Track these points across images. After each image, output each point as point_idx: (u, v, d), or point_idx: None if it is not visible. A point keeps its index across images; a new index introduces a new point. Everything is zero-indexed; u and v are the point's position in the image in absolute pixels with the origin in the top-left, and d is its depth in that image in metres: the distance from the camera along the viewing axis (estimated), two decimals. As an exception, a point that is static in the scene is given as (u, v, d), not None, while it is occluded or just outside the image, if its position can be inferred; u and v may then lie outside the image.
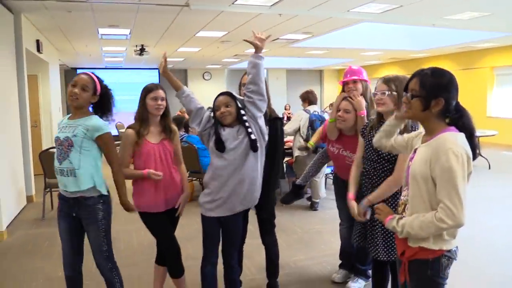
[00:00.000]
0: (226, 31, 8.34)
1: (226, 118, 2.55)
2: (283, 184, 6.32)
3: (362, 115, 2.98)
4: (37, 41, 7.30)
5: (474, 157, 1.70)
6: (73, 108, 2.52)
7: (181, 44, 10.10)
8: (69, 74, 15.34)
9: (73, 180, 2.46)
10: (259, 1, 6.09)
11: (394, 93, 2.40)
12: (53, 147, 5.35)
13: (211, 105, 2.64)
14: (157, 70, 16.52)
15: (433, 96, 1.68)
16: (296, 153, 5.61)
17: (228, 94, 2.60)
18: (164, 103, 2.74)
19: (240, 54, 12.61)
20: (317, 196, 5.60)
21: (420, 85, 1.71)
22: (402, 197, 1.90)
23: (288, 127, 5.65)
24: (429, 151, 1.69)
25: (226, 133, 2.55)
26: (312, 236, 4.64)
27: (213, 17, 6.98)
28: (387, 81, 2.45)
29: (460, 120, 1.73)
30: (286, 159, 6.38)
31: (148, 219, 2.79)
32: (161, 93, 2.73)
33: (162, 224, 2.81)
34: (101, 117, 2.59)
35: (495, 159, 8.92)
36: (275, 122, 2.94)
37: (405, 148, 1.99)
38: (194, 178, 6.38)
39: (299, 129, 5.56)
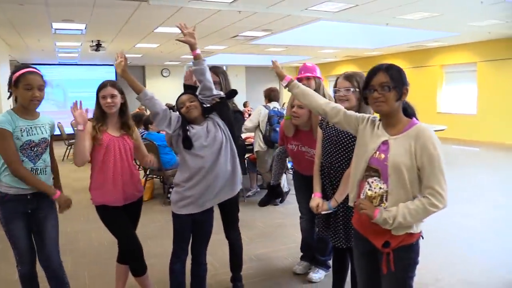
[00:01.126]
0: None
1: (192, 112, 2.59)
2: (244, 181, 6.37)
3: None
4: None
5: None
6: (28, 109, 2.48)
7: (139, 40, 9.94)
8: (19, 70, 14.66)
9: (44, 177, 2.55)
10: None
11: (357, 89, 2.49)
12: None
13: (171, 103, 2.67)
14: (113, 66, 16.19)
15: (402, 85, 1.84)
16: (256, 148, 5.68)
17: (189, 93, 2.67)
18: (114, 100, 2.70)
19: (201, 51, 12.53)
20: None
21: (390, 77, 1.82)
22: (373, 189, 1.90)
23: (248, 123, 5.72)
24: (410, 142, 1.80)
25: (196, 132, 2.58)
26: (274, 230, 4.74)
27: (172, 13, 6.93)
28: (349, 77, 2.53)
29: (408, 109, 1.91)
30: (247, 155, 6.45)
31: (106, 213, 2.76)
32: (110, 90, 2.69)
33: (120, 219, 2.79)
34: None
35: (443, 153, 9.37)
36: (236, 116, 2.99)
37: (349, 125, 2.07)
38: (154, 176, 6.33)
39: (258, 125, 5.64)
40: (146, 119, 6.34)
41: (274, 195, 3.88)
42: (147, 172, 6.21)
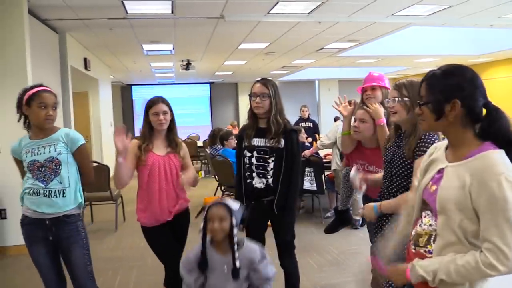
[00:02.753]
0: (267, 42, 8.20)
1: (218, 235, 2.17)
2: (322, 201, 5.99)
3: (381, 124, 2.66)
4: (85, 59, 7.58)
5: None
6: (42, 129, 2.41)
7: (226, 57, 10.11)
8: (125, 90, 15.95)
9: (61, 200, 2.39)
10: (296, 9, 5.88)
11: (406, 99, 2.08)
12: (96, 162, 5.61)
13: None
14: (208, 84, 16.89)
15: (445, 99, 1.36)
16: (333, 166, 5.29)
17: (224, 205, 2.21)
18: (166, 117, 2.63)
19: (288, 66, 12.44)
20: (357, 213, 5.22)
21: (428, 89, 1.40)
22: (422, 226, 1.51)
23: (324, 139, 5.39)
24: (466, 174, 1.34)
25: (215, 260, 2.20)
26: (347, 257, 4.29)
27: (251, 29, 6.87)
28: (397, 86, 2.15)
29: (492, 125, 1.35)
30: (326, 173, 6.07)
31: (150, 233, 2.68)
32: (162, 107, 2.62)
33: (164, 239, 2.68)
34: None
35: None
36: (290, 134, 2.71)
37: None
38: (230, 193, 6.23)
39: (335, 141, 5.25)
40: (222, 135, 6.29)
41: (342, 221, 3.49)
42: (223, 188, 6.14)
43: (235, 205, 2.25)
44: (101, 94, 9.22)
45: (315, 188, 5.50)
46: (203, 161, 10.42)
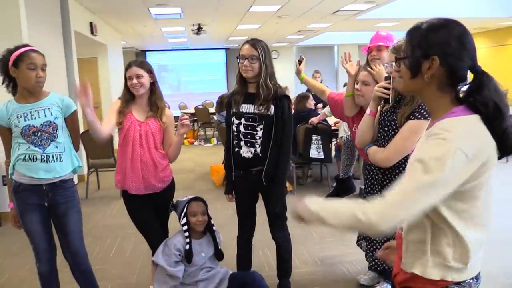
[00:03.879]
0: (280, 4, 7.85)
1: (201, 226, 2.58)
2: (331, 169, 5.82)
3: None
4: (90, 23, 7.41)
5: (504, 153, 1.13)
6: (32, 92, 2.29)
7: (238, 21, 9.78)
8: (139, 56, 15.79)
9: (59, 164, 2.34)
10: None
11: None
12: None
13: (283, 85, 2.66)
14: (224, 50, 16.55)
15: (423, 55, 1.14)
16: (341, 133, 5.08)
17: (202, 201, 2.62)
18: (141, 80, 2.46)
19: (304, 30, 12.01)
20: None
21: (409, 42, 1.19)
22: None
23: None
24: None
25: (195, 249, 2.56)
26: (351, 228, 4.14)
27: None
28: (395, 49, 1.93)
29: (477, 93, 1.12)
30: (334, 141, 5.88)
31: (128, 201, 2.59)
32: (135, 70, 2.45)
33: (142, 210, 2.58)
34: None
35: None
36: (281, 101, 2.51)
37: None
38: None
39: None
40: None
41: (343, 190, 3.34)
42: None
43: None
44: (111, 60, 9.07)
45: (323, 157, 5.31)
46: (216, 128, 10.32)
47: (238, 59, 2.51)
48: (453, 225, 1.11)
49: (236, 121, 2.55)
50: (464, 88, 1.15)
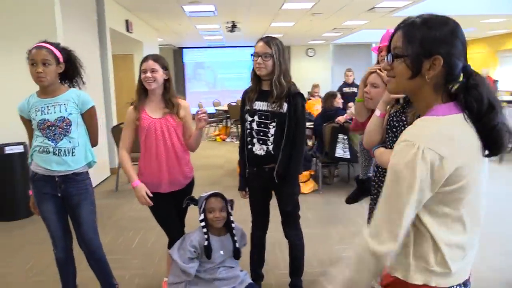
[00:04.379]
0: (313, 1, 7.77)
1: (219, 223, 2.55)
2: (358, 169, 5.71)
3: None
4: (126, 21, 7.61)
5: (493, 151, 1.08)
6: (43, 87, 2.39)
7: (271, 18, 9.76)
8: (177, 53, 16.07)
9: (71, 158, 2.42)
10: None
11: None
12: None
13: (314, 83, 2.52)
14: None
15: (426, 53, 1.09)
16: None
17: (221, 197, 2.57)
18: (154, 74, 2.47)
19: (340, 28, 11.82)
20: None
21: (406, 39, 1.12)
22: None
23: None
24: None
25: (214, 242, 2.55)
26: (373, 230, 4.06)
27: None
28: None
29: (471, 89, 1.08)
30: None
31: (150, 199, 2.60)
32: (150, 64, 2.47)
33: (163, 206, 2.61)
34: (72, 86, 2.51)
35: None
36: (294, 98, 2.49)
37: None
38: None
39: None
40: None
41: (363, 191, 3.27)
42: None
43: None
44: (146, 57, 9.29)
45: (349, 157, 5.23)
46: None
47: (252, 57, 2.51)
48: (432, 229, 1.07)
49: (250, 118, 2.56)
50: (456, 85, 1.11)
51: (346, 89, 7.58)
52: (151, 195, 2.50)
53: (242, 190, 2.71)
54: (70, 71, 2.48)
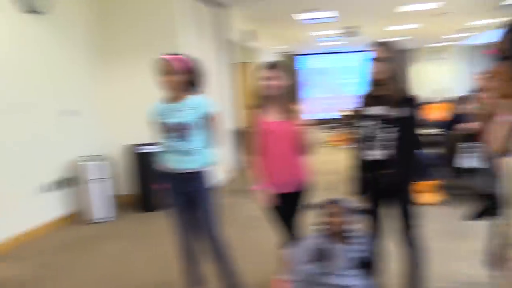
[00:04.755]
0: (437, 1, 7.36)
1: (334, 229, 2.52)
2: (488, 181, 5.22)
3: None
4: (246, 30, 8.05)
5: None
6: (170, 94, 2.67)
7: (392, 21, 9.47)
8: (294, 60, 16.37)
9: (196, 158, 2.68)
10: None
11: None
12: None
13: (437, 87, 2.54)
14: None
15: None
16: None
17: (340, 203, 2.54)
18: (272, 82, 2.61)
19: (466, 28, 10.95)
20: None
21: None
22: None
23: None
24: None
25: (331, 250, 2.49)
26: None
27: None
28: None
29: None
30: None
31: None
32: (267, 72, 2.62)
33: (279, 206, 2.75)
34: (196, 92, 2.72)
35: None
36: (410, 104, 2.45)
37: None
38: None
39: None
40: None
41: (492, 210, 3.01)
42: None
43: (350, 202, 2.58)
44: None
45: (478, 166, 4.83)
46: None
47: (370, 61, 2.52)
48: None
49: (366, 123, 2.56)
50: None
51: (475, 94, 7.01)
52: (273, 197, 2.65)
53: (356, 194, 2.72)
54: (194, 79, 2.72)
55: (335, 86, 16.19)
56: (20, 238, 4.27)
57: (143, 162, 5.19)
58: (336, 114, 12.00)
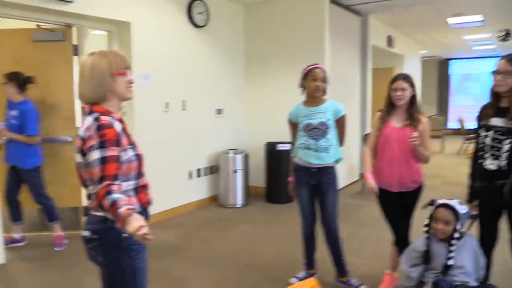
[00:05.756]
0: None
1: (440, 235, 2.57)
2: None
3: None
4: (388, 37, 8.07)
5: None
6: (314, 97, 3.07)
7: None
8: (443, 65, 15.50)
9: (326, 155, 3.07)
10: None
11: None
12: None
13: None
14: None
15: None
16: None
17: (451, 208, 2.56)
18: (404, 93, 2.84)
19: None
20: None
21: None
22: None
23: None
24: None
25: (436, 252, 2.55)
26: None
27: None
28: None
29: None
30: None
31: (381, 196, 3.00)
32: (400, 84, 2.85)
33: (391, 206, 2.98)
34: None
35: None
36: None
37: None
38: None
39: None
40: None
41: None
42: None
43: (462, 208, 2.56)
44: (406, 69, 9.50)
45: None
46: None
47: (492, 74, 2.57)
48: None
49: (484, 133, 2.61)
50: None
51: None
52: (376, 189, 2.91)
53: (470, 203, 2.77)
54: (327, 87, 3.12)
55: (482, 94, 14.81)
56: (172, 212, 5.20)
57: (276, 158, 5.76)
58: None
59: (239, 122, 6.32)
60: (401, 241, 2.99)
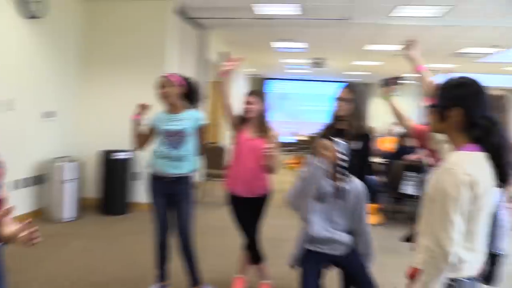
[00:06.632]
0: (396, 44, 8.07)
1: (328, 159, 2.61)
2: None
3: None
4: (222, 52, 8.50)
5: (502, 179, 1.53)
6: (168, 105, 3.07)
7: (357, 57, 10.18)
8: (263, 83, 16.96)
9: (183, 164, 3.03)
10: (425, 12, 5.78)
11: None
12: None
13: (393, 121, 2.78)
14: (340, 82, 16.78)
15: (449, 105, 1.58)
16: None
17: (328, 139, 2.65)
18: (253, 106, 3.07)
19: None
20: None
21: (439, 94, 1.64)
22: None
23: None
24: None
25: (325, 187, 2.64)
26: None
27: (376, 31, 6.92)
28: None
29: (486, 137, 1.54)
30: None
31: (231, 201, 3.18)
32: (249, 98, 3.11)
33: (240, 210, 3.17)
34: (193, 106, 3.13)
35: None
36: (364, 137, 2.90)
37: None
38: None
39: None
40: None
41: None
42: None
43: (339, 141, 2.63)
44: (233, 85, 10.15)
45: (414, 193, 5.45)
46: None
47: (335, 100, 2.93)
48: None
49: None
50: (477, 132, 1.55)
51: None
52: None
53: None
54: (190, 95, 3.13)
55: (295, 111, 16.88)
56: None
57: (112, 167, 5.44)
58: (293, 138, 12.65)
59: (72, 127, 5.74)
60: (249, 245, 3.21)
